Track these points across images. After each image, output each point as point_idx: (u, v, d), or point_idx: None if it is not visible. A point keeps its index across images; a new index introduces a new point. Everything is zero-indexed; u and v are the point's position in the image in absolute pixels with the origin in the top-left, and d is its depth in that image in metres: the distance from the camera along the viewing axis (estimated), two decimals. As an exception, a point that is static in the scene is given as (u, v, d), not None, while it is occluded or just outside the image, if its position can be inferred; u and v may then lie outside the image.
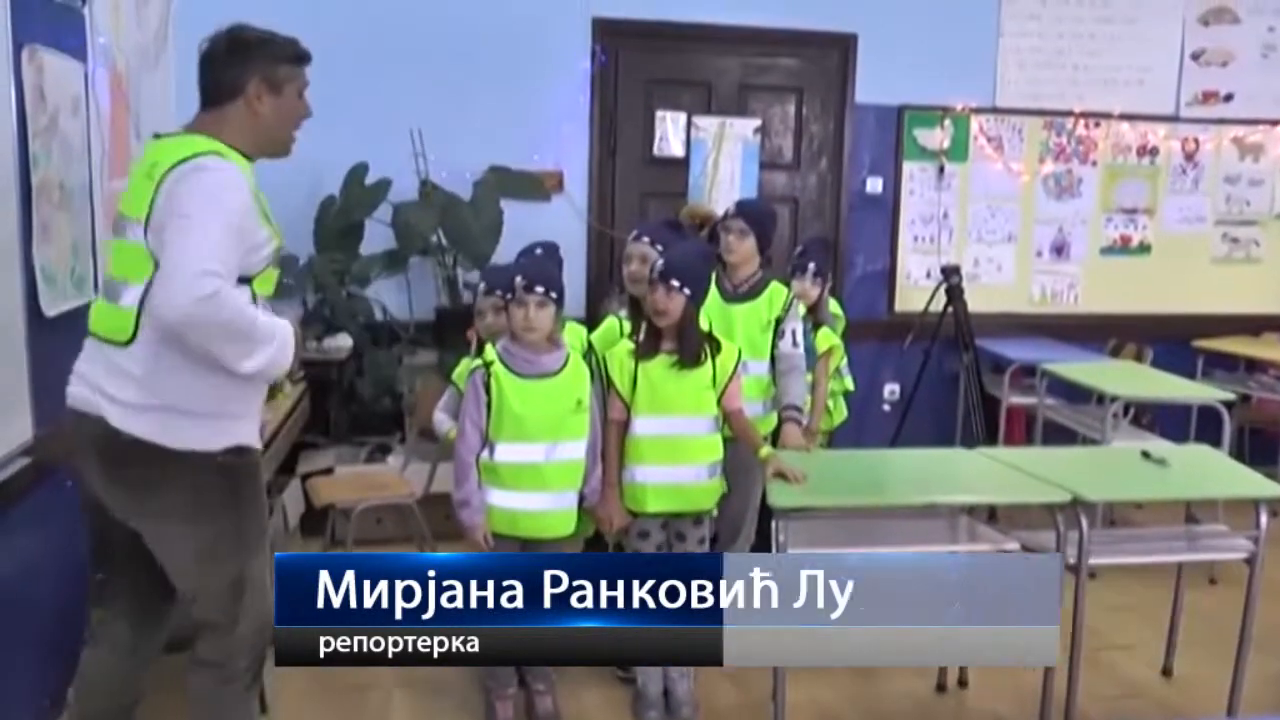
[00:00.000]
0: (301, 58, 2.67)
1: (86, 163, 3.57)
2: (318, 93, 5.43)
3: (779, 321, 3.88)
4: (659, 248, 3.69)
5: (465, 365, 3.54)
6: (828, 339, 4.40)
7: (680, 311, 3.36)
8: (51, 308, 3.27)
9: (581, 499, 3.43)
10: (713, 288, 3.73)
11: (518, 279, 3.31)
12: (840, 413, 4.82)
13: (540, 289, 3.26)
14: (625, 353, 3.44)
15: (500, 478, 3.31)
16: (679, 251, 3.54)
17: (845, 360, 4.84)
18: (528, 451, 3.30)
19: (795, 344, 3.88)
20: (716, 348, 3.46)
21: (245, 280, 2.51)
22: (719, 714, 3.68)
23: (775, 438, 3.77)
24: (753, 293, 3.90)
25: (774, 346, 3.88)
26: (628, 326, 3.64)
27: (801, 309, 4.09)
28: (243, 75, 2.57)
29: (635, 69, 5.75)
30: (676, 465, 3.45)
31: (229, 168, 2.50)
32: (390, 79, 5.34)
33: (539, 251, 3.77)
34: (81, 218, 3.53)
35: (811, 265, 4.42)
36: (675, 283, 3.34)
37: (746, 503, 3.94)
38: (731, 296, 3.88)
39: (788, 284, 4.10)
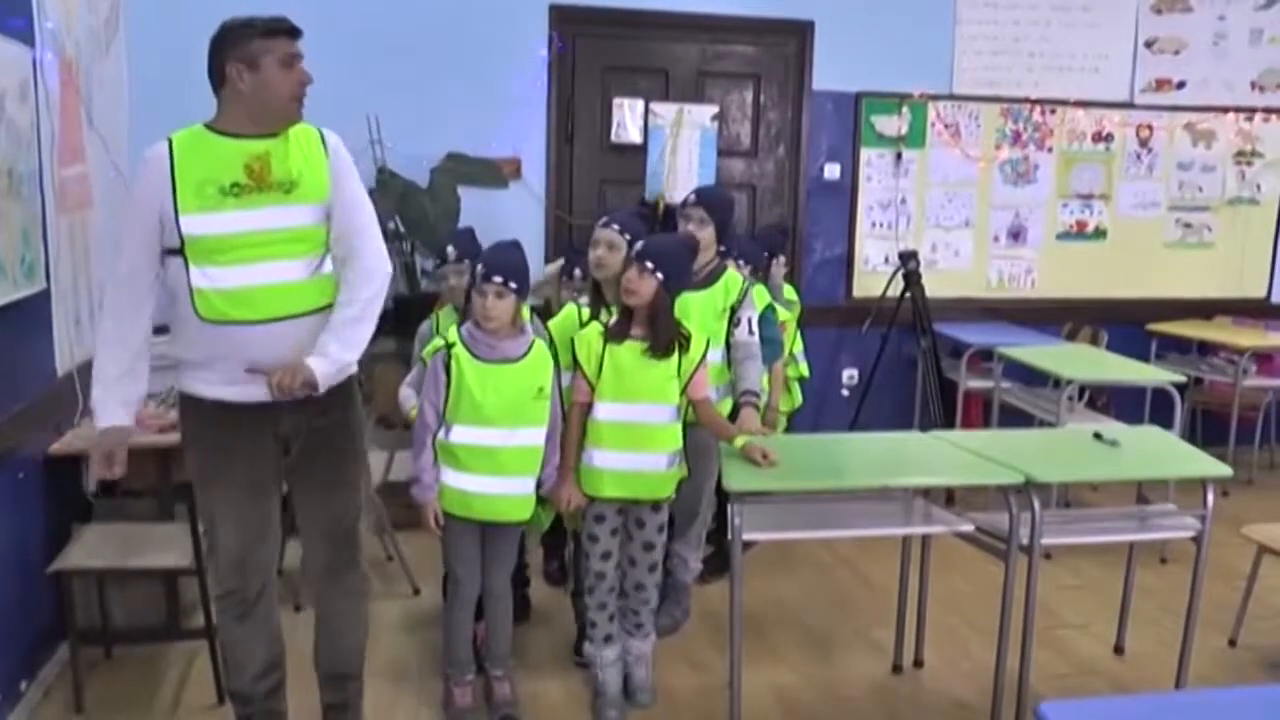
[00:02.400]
0: (274, 31, 2.78)
1: (36, 149, 3.54)
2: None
3: (734, 310, 3.89)
4: (627, 236, 3.70)
5: (435, 344, 3.52)
6: (779, 314, 4.42)
7: (650, 294, 3.35)
8: (2, 296, 3.24)
9: (538, 485, 3.43)
10: None
11: (479, 267, 3.31)
12: (796, 398, 4.86)
13: (498, 279, 3.25)
14: (595, 335, 3.42)
15: (456, 459, 3.30)
16: (661, 237, 3.55)
17: (801, 347, 4.88)
18: (484, 435, 3.29)
19: (751, 332, 3.88)
20: (687, 340, 3.46)
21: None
22: (676, 698, 3.70)
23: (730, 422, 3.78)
24: (709, 280, 3.91)
25: (730, 335, 3.89)
26: (586, 314, 3.63)
27: (762, 297, 4.11)
28: (222, 63, 2.77)
29: (592, 56, 5.74)
30: (636, 452, 3.44)
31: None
32: (347, 65, 5.28)
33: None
34: (32, 205, 3.50)
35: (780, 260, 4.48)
36: (649, 265, 3.34)
37: (703, 487, 3.97)
38: (690, 284, 3.88)
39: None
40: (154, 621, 3.93)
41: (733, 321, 3.89)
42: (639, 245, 3.44)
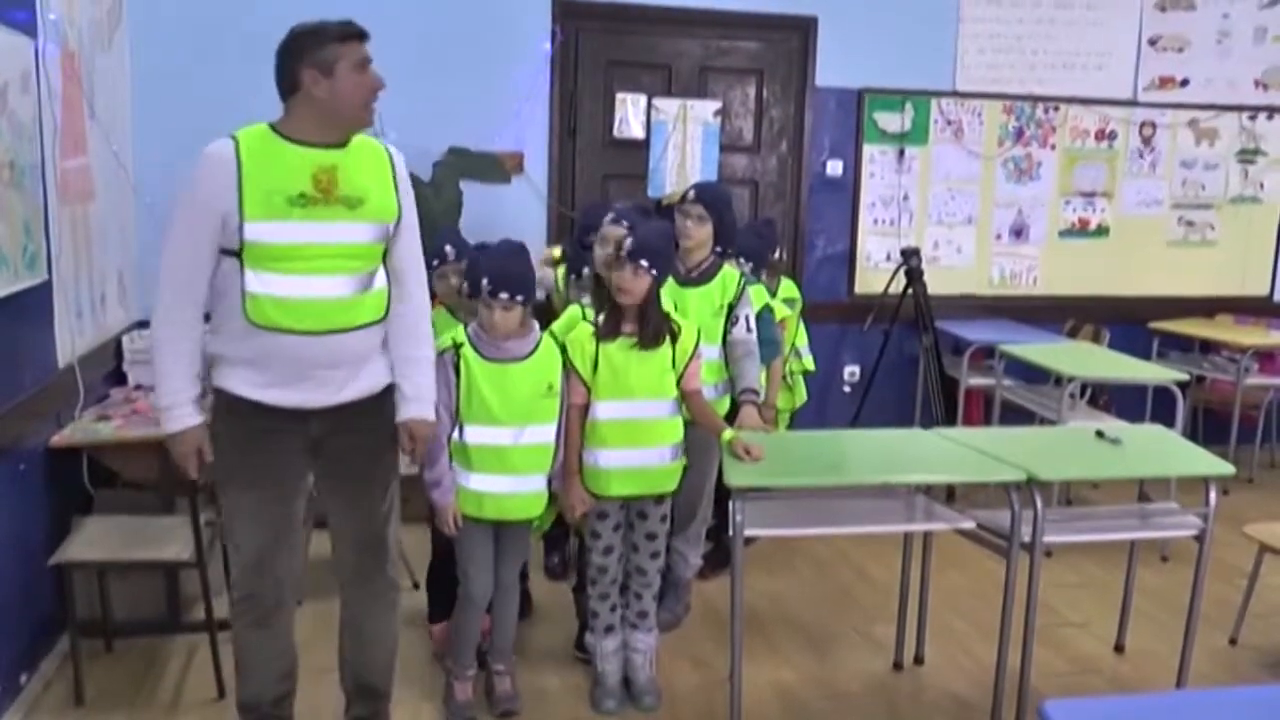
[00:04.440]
0: (347, 36, 2.78)
1: (38, 141, 3.54)
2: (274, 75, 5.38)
3: (731, 307, 3.88)
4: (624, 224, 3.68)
5: (442, 343, 3.48)
6: (778, 311, 4.42)
7: (644, 292, 3.36)
8: (3, 288, 3.23)
9: (549, 482, 3.43)
10: None
11: (484, 280, 3.27)
12: (800, 394, 4.86)
13: (505, 295, 3.23)
14: (585, 336, 3.42)
15: (469, 459, 3.30)
16: (647, 231, 3.48)
17: (805, 341, 4.88)
18: (495, 434, 3.29)
19: (749, 329, 3.88)
20: (676, 330, 3.46)
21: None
22: (677, 694, 3.70)
23: (730, 420, 3.77)
24: (705, 277, 3.91)
25: (727, 332, 3.89)
26: (590, 314, 3.61)
27: (760, 296, 4.10)
28: (296, 68, 2.75)
29: (595, 50, 5.74)
30: (639, 448, 3.44)
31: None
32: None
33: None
34: (34, 196, 3.50)
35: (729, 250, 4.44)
36: (644, 263, 3.33)
37: (703, 482, 3.96)
38: (685, 280, 3.87)
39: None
40: (155, 614, 3.94)
41: (730, 319, 3.89)
42: (628, 243, 3.39)
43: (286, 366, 2.77)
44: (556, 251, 4.54)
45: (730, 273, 3.95)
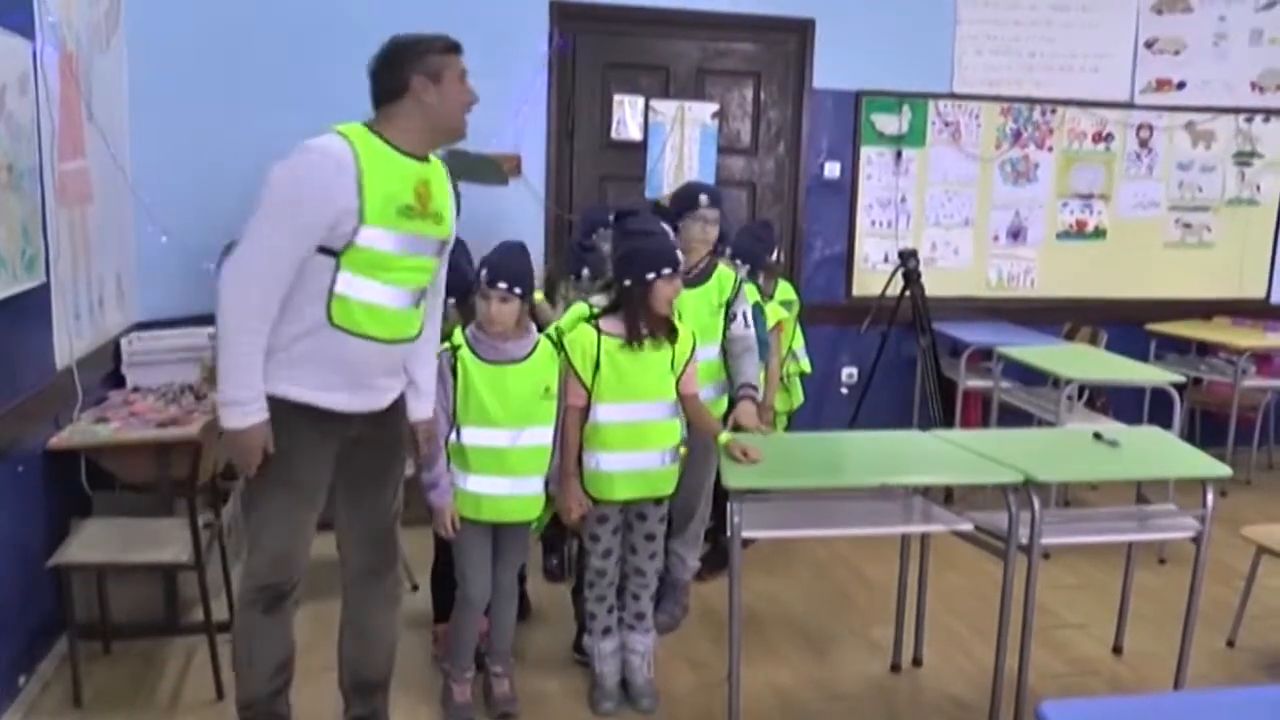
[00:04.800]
0: (451, 47, 2.87)
1: (36, 143, 3.53)
2: (272, 77, 5.43)
3: (728, 305, 3.90)
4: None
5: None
6: (776, 314, 4.44)
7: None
8: (2, 290, 3.23)
9: (546, 484, 3.44)
10: None
11: (483, 271, 3.30)
12: (797, 395, 4.87)
13: (503, 285, 3.25)
14: (587, 337, 3.41)
15: (466, 461, 3.31)
16: (662, 239, 3.49)
17: (802, 343, 4.89)
18: (493, 436, 3.29)
19: (747, 325, 3.90)
20: (674, 333, 3.46)
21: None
22: (675, 696, 3.70)
23: (726, 419, 3.78)
24: (702, 277, 3.92)
25: (725, 330, 3.90)
26: (598, 313, 3.60)
27: (751, 294, 4.12)
28: (405, 73, 2.80)
29: (593, 53, 5.74)
30: (640, 451, 3.44)
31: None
32: (347, 60, 5.26)
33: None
34: (32, 199, 3.49)
35: (727, 251, 4.44)
36: (669, 271, 3.38)
37: (700, 483, 3.97)
38: (683, 281, 3.88)
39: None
40: (153, 616, 3.93)
41: (729, 316, 3.90)
42: (654, 255, 3.38)
43: (351, 371, 2.81)
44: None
45: (726, 272, 3.97)
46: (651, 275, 3.35)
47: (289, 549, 2.92)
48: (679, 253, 3.46)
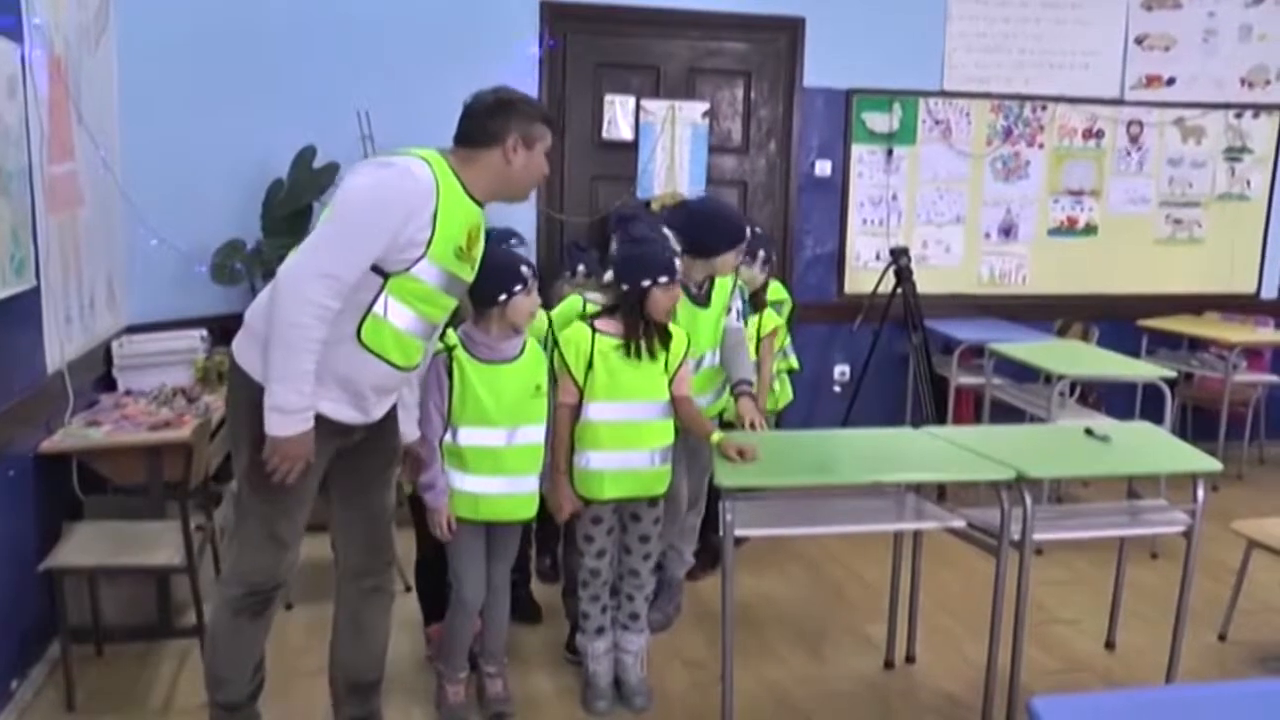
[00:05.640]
0: (551, 121, 3.00)
1: (25, 146, 3.53)
2: (263, 79, 5.41)
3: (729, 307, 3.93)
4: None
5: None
6: (772, 320, 4.45)
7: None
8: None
9: (540, 482, 3.44)
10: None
11: (523, 268, 3.30)
12: (786, 393, 4.87)
13: (530, 272, 3.32)
14: (582, 336, 3.42)
15: (463, 461, 3.30)
16: (662, 246, 3.57)
17: (789, 340, 4.90)
18: (489, 436, 3.29)
19: (739, 319, 3.94)
20: (667, 336, 3.47)
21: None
22: (669, 695, 3.70)
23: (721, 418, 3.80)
24: (709, 294, 3.92)
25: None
26: (591, 307, 3.61)
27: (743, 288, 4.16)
28: (505, 128, 2.86)
29: (584, 52, 5.74)
30: (631, 450, 3.44)
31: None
32: (337, 61, 5.29)
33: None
34: (22, 203, 3.49)
35: (761, 253, 4.47)
36: (666, 279, 3.41)
37: (698, 480, 3.98)
38: (696, 299, 3.87)
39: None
40: (146, 620, 3.92)
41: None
42: (656, 263, 3.41)
43: (355, 388, 2.81)
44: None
45: (723, 280, 3.96)
46: (647, 283, 3.36)
47: (279, 554, 2.92)
48: (676, 261, 3.47)
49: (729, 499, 3.18)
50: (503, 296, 3.23)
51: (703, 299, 3.88)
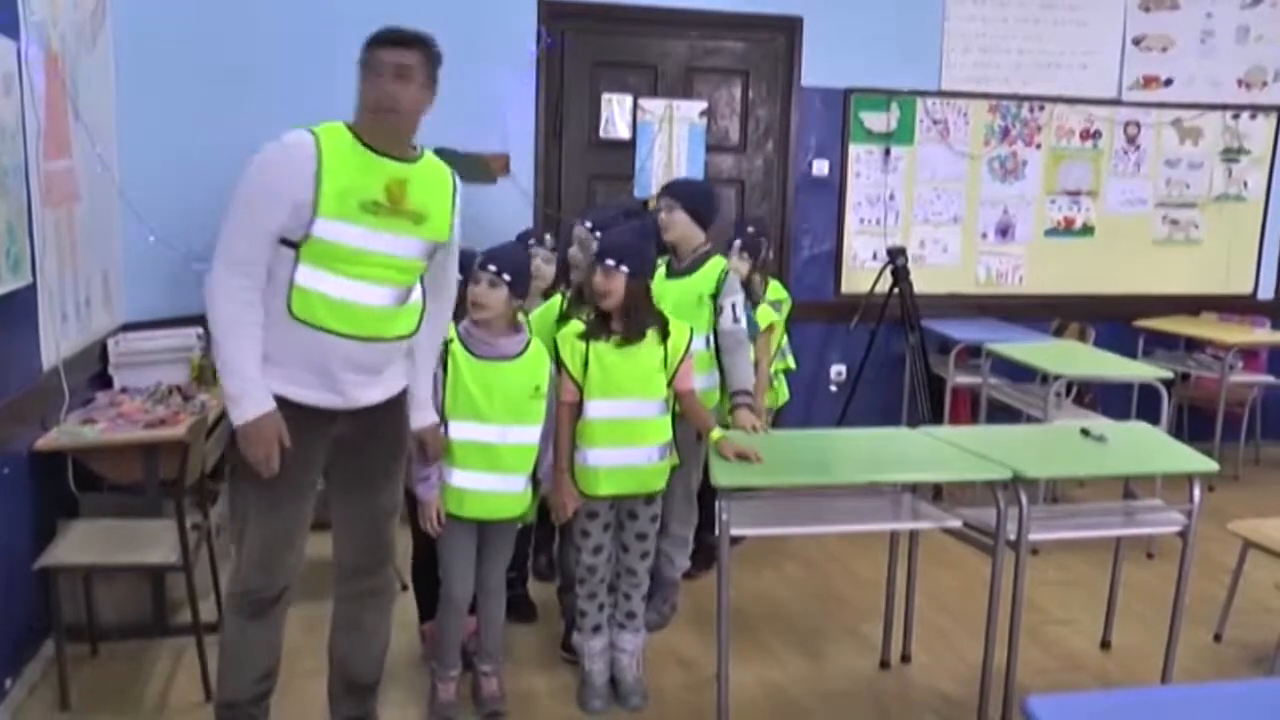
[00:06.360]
0: (379, 39, 2.89)
1: (21, 142, 3.52)
2: (260, 76, 5.40)
3: (715, 297, 3.90)
4: (598, 233, 3.70)
5: None
6: (767, 315, 4.45)
7: (622, 291, 3.36)
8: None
9: (537, 483, 3.43)
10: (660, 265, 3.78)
11: (479, 260, 3.32)
12: (782, 392, 4.87)
13: (492, 268, 3.27)
14: (575, 335, 3.42)
15: (452, 455, 3.30)
16: (616, 231, 3.54)
17: (786, 340, 4.90)
18: (480, 431, 3.29)
19: (736, 319, 3.90)
20: (667, 328, 3.46)
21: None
22: (665, 695, 3.70)
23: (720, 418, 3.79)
24: (692, 268, 3.93)
25: (715, 324, 3.90)
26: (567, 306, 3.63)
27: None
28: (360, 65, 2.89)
29: (581, 51, 5.74)
30: (628, 447, 3.44)
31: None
32: (334, 61, 5.26)
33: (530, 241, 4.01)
34: (18, 199, 3.48)
35: (737, 242, 4.51)
36: (611, 261, 3.34)
37: (691, 483, 3.97)
38: (672, 273, 3.93)
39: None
40: (141, 618, 3.92)
41: (716, 310, 3.90)
42: (594, 246, 3.46)
43: (319, 366, 2.80)
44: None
45: (715, 262, 3.96)
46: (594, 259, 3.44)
47: (274, 551, 2.90)
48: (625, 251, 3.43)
49: (725, 498, 3.18)
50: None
51: (677, 271, 3.93)
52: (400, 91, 2.79)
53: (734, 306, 3.91)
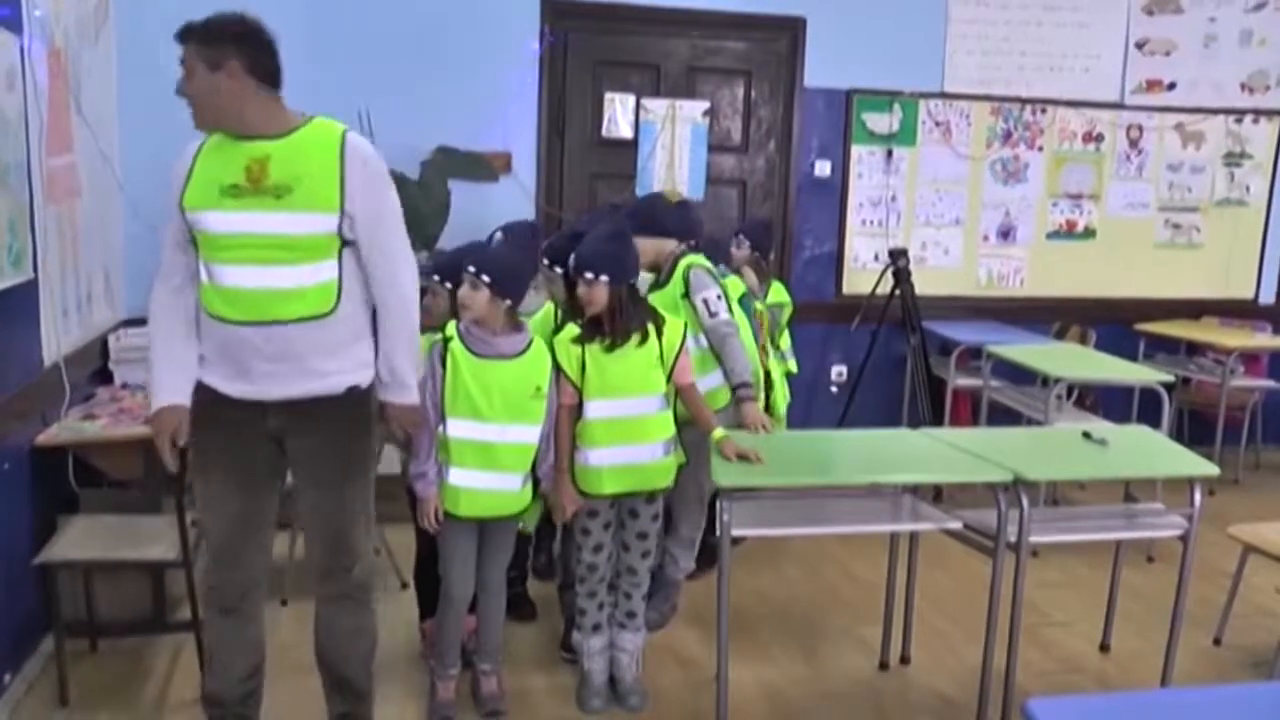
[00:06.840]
0: (179, 34, 2.83)
1: (24, 138, 3.52)
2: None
3: (686, 297, 3.88)
4: (557, 268, 3.69)
5: (428, 340, 3.46)
6: (736, 287, 4.42)
7: (606, 297, 3.36)
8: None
9: (537, 483, 3.42)
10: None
11: (465, 256, 3.32)
12: (783, 396, 4.86)
13: (471, 269, 3.26)
14: (570, 339, 3.41)
15: (450, 453, 3.29)
16: (590, 240, 3.47)
17: (789, 342, 4.89)
18: (478, 430, 3.27)
19: (711, 314, 3.85)
20: (660, 324, 3.46)
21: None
22: (664, 694, 3.70)
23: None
24: (668, 277, 3.94)
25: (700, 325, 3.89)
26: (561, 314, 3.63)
27: (737, 288, 4.17)
28: None
29: (584, 50, 5.74)
30: (630, 445, 3.43)
31: None
32: (337, 59, 5.28)
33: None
34: (20, 194, 3.48)
35: (748, 241, 4.66)
36: (590, 275, 3.35)
37: (700, 484, 3.97)
38: (654, 286, 3.93)
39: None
40: (140, 614, 3.92)
41: (694, 310, 3.88)
42: (571, 259, 3.42)
43: (233, 357, 2.80)
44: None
45: (682, 263, 3.94)
46: (572, 274, 3.43)
47: (227, 544, 2.91)
48: (609, 259, 3.39)
49: (726, 498, 3.18)
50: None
51: (659, 284, 3.93)
52: (185, 85, 2.79)
53: (705, 302, 3.86)
